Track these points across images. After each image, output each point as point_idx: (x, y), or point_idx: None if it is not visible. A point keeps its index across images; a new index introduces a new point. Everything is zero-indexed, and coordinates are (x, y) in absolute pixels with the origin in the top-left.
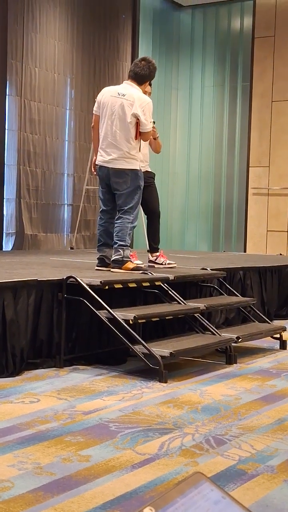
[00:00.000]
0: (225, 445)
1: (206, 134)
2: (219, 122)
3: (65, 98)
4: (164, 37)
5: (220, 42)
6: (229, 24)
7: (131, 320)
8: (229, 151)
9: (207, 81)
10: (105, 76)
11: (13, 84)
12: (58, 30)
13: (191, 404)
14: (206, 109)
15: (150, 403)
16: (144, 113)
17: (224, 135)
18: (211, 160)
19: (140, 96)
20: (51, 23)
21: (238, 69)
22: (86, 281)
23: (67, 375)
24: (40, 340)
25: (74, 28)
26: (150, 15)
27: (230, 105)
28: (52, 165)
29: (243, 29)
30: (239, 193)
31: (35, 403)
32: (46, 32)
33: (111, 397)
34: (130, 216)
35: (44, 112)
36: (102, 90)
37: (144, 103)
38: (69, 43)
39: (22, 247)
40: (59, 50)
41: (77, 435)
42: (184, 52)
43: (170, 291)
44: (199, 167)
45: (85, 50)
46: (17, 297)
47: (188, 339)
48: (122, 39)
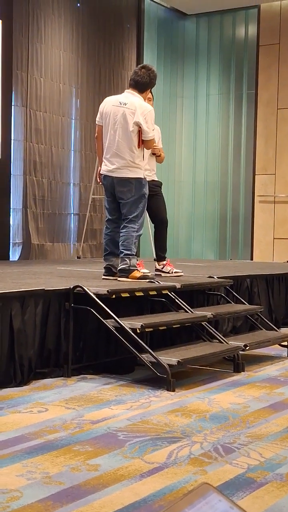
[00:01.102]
0: (233, 454)
1: (211, 142)
2: (225, 130)
3: (70, 108)
4: (169, 46)
5: (225, 50)
6: (234, 32)
7: (138, 329)
8: (235, 159)
9: (212, 90)
10: (110, 86)
11: (19, 95)
12: (63, 40)
13: (199, 412)
14: (212, 118)
15: (158, 411)
16: (146, 121)
17: (229, 143)
18: (217, 168)
19: (141, 104)
20: (56, 33)
21: (243, 77)
22: (93, 290)
23: (75, 384)
24: (48, 350)
25: (79, 38)
26: (154, 24)
27: (236, 113)
28: (58, 174)
29: (248, 37)
30: (245, 201)
31: (43, 412)
32: (51, 42)
33: (119, 406)
34: (135, 225)
35: (50, 122)
36: (104, 100)
37: (145, 111)
38: (74, 53)
39: (29, 257)
40: (64, 60)
41: (85, 444)
42: (189, 61)
43: (177, 300)
44: (205, 175)
45: (90, 59)
46: (25, 307)
47: (195, 347)
48: (127, 49)
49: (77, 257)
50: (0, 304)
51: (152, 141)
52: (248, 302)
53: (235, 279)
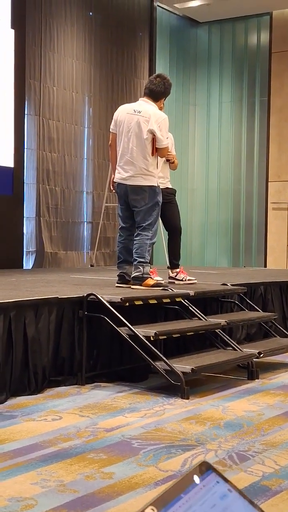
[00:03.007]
0: (248, 461)
1: (224, 149)
2: (237, 137)
3: (83, 116)
4: (181, 53)
5: (237, 58)
6: (246, 40)
7: (152, 337)
8: (248, 166)
9: (225, 97)
10: (122, 94)
11: (32, 104)
12: (75, 49)
13: (213, 420)
14: (224, 125)
15: (172, 419)
16: (160, 128)
17: (242, 150)
18: (230, 176)
19: (155, 112)
20: (69, 42)
21: (256, 84)
22: (106, 298)
23: (89, 392)
24: (62, 358)
25: (92, 46)
26: (167, 32)
27: (248, 120)
28: (71, 183)
29: (260, 44)
30: (258, 208)
31: (57, 420)
32: (64, 51)
33: (133, 414)
34: (149, 233)
35: (63, 131)
36: (118, 108)
37: (160, 119)
38: (86, 61)
39: (43, 265)
40: (77, 68)
41: (99, 452)
42: (202, 68)
43: (190, 307)
44: (218, 182)
45: (102, 68)
46: (39, 315)
47: (209, 355)
48: (139, 57)
49: (90, 265)
50: (14, 312)
51: (166, 149)
52: (262, 309)
53: (249, 287)
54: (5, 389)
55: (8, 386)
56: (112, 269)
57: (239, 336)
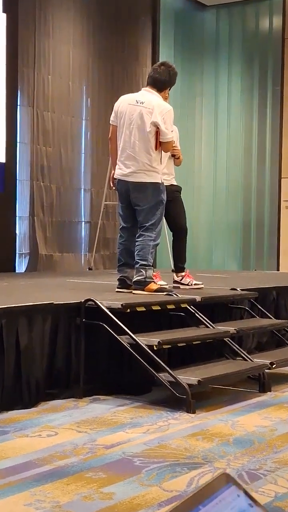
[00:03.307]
0: (259, 481)
1: (233, 143)
2: (248, 130)
3: (80, 107)
4: (187, 40)
5: (248, 44)
6: (257, 25)
7: (155, 346)
8: (259, 161)
9: (234, 87)
10: (123, 83)
11: (25, 94)
12: (72, 35)
13: (222, 436)
14: (234, 117)
15: (177, 435)
16: (165, 121)
17: (253, 144)
18: (240, 172)
19: (160, 103)
20: (65, 28)
21: (268, 73)
22: (106, 304)
23: (86, 406)
24: (57, 369)
25: (90, 32)
26: (171, 16)
27: (260, 112)
28: (67, 179)
29: (273, 30)
30: (270, 207)
31: (52, 436)
32: (60, 37)
33: (134, 429)
34: (152, 233)
35: (59, 123)
36: (119, 99)
37: (164, 111)
38: (84, 48)
39: (37, 269)
40: (74, 56)
41: (98, 471)
42: (209, 56)
43: (197, 314)
44: (227, 179)
45: (101, 55)
46: (32, 323)
47: (217, 365)
48: (141, 43)
49: (88, 268)
50: (5, 320)
51: (170, 143)
52: (275, 316)
53: (260, 291)
54: None
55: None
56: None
57: (250, 345)
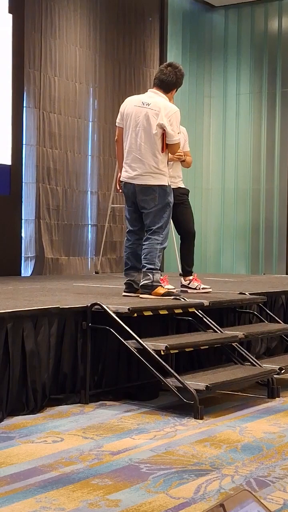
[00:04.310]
0: (268, 488)
1: (242, 145)
2: (257, 132)
3: (87, 109)
4: (195, 40)
5: (257, 45)
6: (266, 25)
7: (162, 351)
8: (268, 164)
9: (243, 88)
10: (131, 85)
11: (31, 95)
12: (79, 36)
13: (230, 442)
14: (242, 118)
15: (184, 442)
16: (171, 123)
17: (262, 147)
18: (249, 174)
19: (166, 105)
20: (72, 28)
21: (277, 74)
22: (112, 308)
23: (93, 412)
24: (63, 374)
25: (97, 33)
26: (179, 17)
27: (269, 114)
28: (74, 182)
29: (282, 30)
30: (280, 210)
31: (58, 442)
32: (66, 38)
33: (141, 435)
34: (159, 237)
35: (65, 125)
36: (125, 100)
37: (170, 112)
38: (91, 49)
39: (43, 272)
40: (81, 57)
41: (104, 478)
42: (217, 57)
43: (205, 318)
44: (235, 182)
45: (108, 56)
46: (38, 327)
47: (225, 371)
48: (149, 44)
49: (95, 272)
50: (11, 324)
51: (177, 145)
52: (284, 321)
53: (269, 296)
54: (1, 408)
55: (4, 404)
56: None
57: (259, 350)
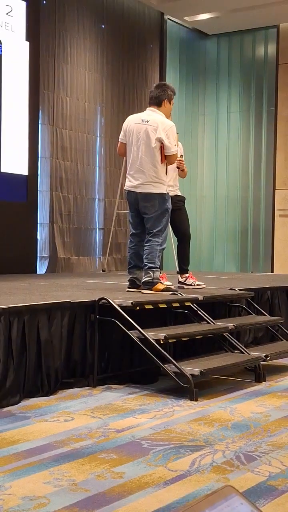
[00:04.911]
0: (255, 462)
1: (232, 158)
2: (245, 146)
3: (95, 125)
4: (191, 65)
5: (245, 69)
6: (254, 51)
7: (161, 340)
8: (255, 174)
9: (233, 107)
10: (133, 104)
11: (46, 113)
12: (88, 60)
13: (221, 421)
14: (233, 134)
15: (181, 420)
16: (168, 136)
17: (250, 159)
18: (238, 184)
19: (163, 121)
20: (81, 54)
21: (263, 95)
22: (117, 302)
23: (100, 394)
24: (74, 360)
25: (104, 58)
26: (177, 44)
27: (256, 130)
28: (83, 190)
29: (268, 56)
30: (265, 215)
31: (69, 421)
32: (77, 62)
33: (143, 415)
34: (159, 239)
35: (76, 140)
36: (127, 119)
37: (167, 127)
38: (98, 72)
39: (56, 270)
40: (89, 79)
41: (110, 453)
42: (210, 79)
43: (199, 311)
44: (226, 190)
45: (114, 79)
46: (51, 319)
47: (217, 358)
48: (150, 68)
49: (102, 270)
50: (28, 316)
51: (174, 156)
52: (269, 314)
53: (256, 291)
54: (19, 391)
55: (22, 388)
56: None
57: (247, 339)
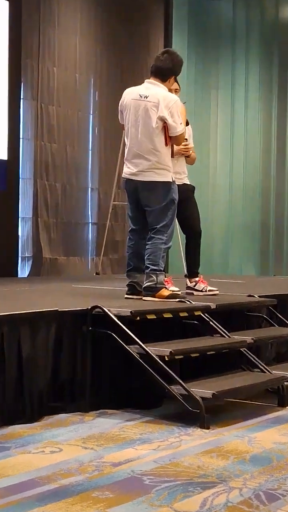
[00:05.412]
0: (278, 501)
1: (251, 139)
2: (267, 124)
3: (88, 101)
4: (201, 30)
5: (267, 34)
6: (277, 12)
7: (166, 356)
8: (279, 159)
9: (252, 79)
10: (133, 76)
11: (29, 87)
12: (79, 24)
13: (237, 453)
14: (251, 111)
15: (190, 452)
16: (172, 114)
17: (272, 141)
18: (258, 170)
19: (165, 96)
20: (71, 16)
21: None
22: (114, 311)
23: (93, 421)
24: (62, 381)
25: (98, 21)
26: (184, 5)
27: (279, 105)
28: (73, 178)
29: None
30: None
31: (56, 453)
32: (66, 26)
33: (144, 445)
34: (164, 236)
35: (64, 118)
36: (123, 94)
37: (170, 103)
38: (92, 38)
39: (40, 273)
40: (81, 46)
41: (105, 490)
42: (225, 47)
43: (211, 322)
44: (244, 178)
45: (110, 46)
46: (35, 331)
47: (233, 377)
48: (152, 33)
49: (95, 273)
50: (7, 328)
51: (181, 136)
52: None
53: (279, 298)
54: None
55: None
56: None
57: (268, 356)
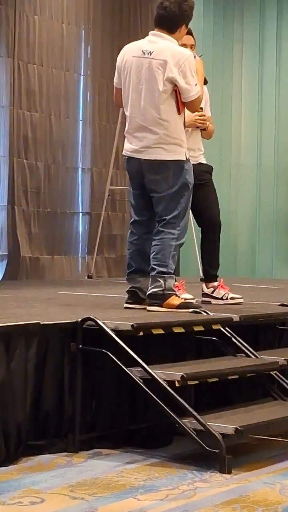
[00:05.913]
0: None
1: (284, 107)
2: None
3: (78, 58)
4: None
5: None
6: None
7: (177, 382)
8: None
9: (285, 30)
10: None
11: (3, 40)
12: None
13: (267, 504)
14: (284, 71)
15: (207, 503)
16: (184, 74)
17: None
18: None
19: (174, 51)
20: None
21: None
22: (110, 325)
23: (84, 463)
24: (45, 412)
25: None
26: None
27: None
28: (60, 156)
29: None
30: None
31: (37, 504)
32: None
33: (149, 495)
34: (175, 230)
35: (48, 80)
36: (122, 50)
37: (181, 59)
38: None
39: (18, 276)
40: None
41: None
42: None
43: (234, 339)
44: (275, 156)
45: None
46: (11, 350)
47: (261, 408)
48: None
49: (87, 276)
50: None
51: (198, 101)
52: None
53: None
54: None
55: None
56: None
57: None
